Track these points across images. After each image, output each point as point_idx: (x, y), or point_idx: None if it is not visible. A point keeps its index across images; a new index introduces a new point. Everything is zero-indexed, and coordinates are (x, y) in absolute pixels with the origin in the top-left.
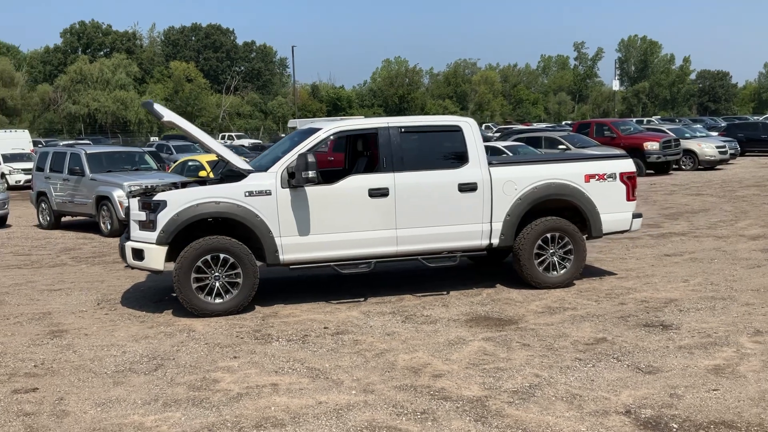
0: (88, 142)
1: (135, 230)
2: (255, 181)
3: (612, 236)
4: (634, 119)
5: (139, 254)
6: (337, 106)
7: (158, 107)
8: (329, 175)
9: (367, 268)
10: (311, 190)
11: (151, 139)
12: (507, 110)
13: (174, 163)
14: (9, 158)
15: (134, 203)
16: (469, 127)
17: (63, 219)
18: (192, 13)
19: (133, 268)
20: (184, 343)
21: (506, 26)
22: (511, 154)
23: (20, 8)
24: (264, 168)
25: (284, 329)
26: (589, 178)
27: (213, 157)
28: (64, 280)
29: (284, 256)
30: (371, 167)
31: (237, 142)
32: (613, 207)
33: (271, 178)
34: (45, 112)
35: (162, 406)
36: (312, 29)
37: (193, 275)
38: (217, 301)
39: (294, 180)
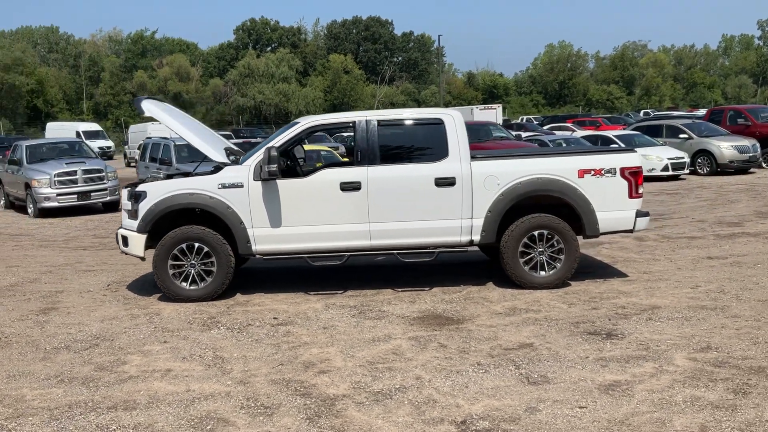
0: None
1: (124, 218)
2: (229, 173)
3: (669, 234)
4: None
5: (125, 241)
6: (493, 93)
7: (145, 104)
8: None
9: (339, 261)
10: (283, 183)
11: None
12: (679, 95)
13: None
14: None
15: (124, 194)
16: (452, 120)
17: None
18: (355, 6)
19: (126, 254)
20: (138, 325)
21: (683, 4)
22: (622, 145)
23: (201, 7)
24: (242, 161)
25: (237, 318)
26: (583, 173)
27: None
28: (106, 263)
29: (257, 247)
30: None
31: None
32: (612, 205)
33: (244, 171)
34: (216, 105)
35: (57, 382)
36: (472, 15)
37: (170, 262)
38: (192, 287)
39: (262, 173)
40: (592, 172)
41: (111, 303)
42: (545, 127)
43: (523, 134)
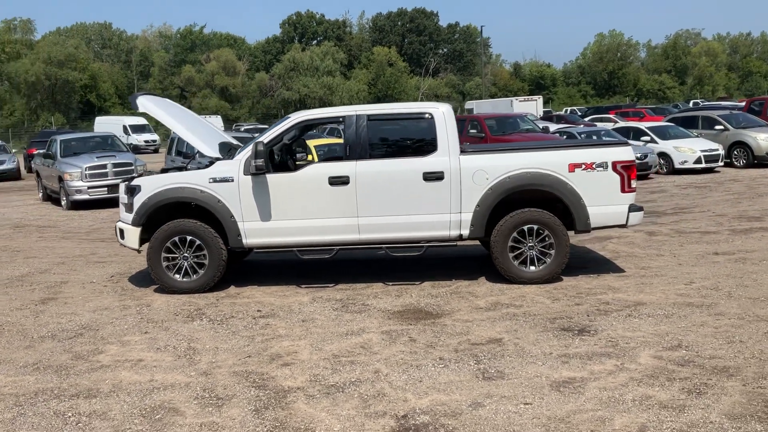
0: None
1: (122, 212)
2: (220, 168)
3: (683, 229)
4: None
5: (122, 234)
6: (540, 84)
7: (140, 100)
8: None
9: (328, 254)
10: (272, 178)
11: None
12: (734, 84)
13: None
14: None
15: (122, 187)
16: (442, 114)
17: None
18: None
19: (123, 246)
20: (126, 316)
21: None
22: (653, 136)
23: (249, 2)
24: (235, 156)
25: (223, 310)
26: (573, 167)
27: (332, 141)
28: (117, 254)
29: (247, 240)
30: None
31: None
32: (603, 199)
33: (234, 166)
34: (262, 99)
35: (32, 370)
36: (520, 5)
37: (163, 255)
38: (185, 279)
39: (250, 168)
40: (583, 166)
41: (109, 294)
42: (587, 119)
43: (552, 127)
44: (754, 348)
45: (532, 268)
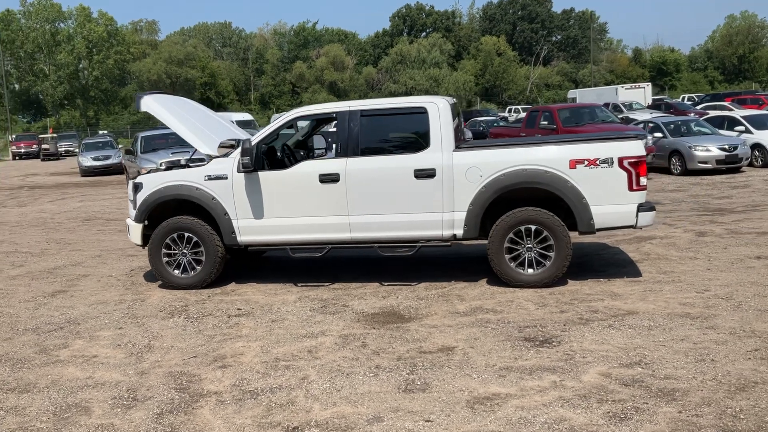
0: None
1: (130, 209)
2: (215, 165)
3: (739, 229)
4: None
5: (128, 230)
6: (662, 70)
7: (144, 100)
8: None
9: (318, 253)
10: (265, 175)
11: None
12: None
13: None
14: None
15: (130, 185)
16: (436, 108)
17: None
18: None
19: (131, 241)
20: (115, 311)
21: None
22: (748, 126)
23: None
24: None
25: (206, 307)
26: (575, 163)
27: None
28: None
29: (241, 238)
30: None
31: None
32: (608, 198)
33: (228, 163)
34: (370, 92)
35: None
36: None
37: (163, 251)
38: (183, 275)
39: (239, 166)
40: (586, 163)
41: (116, 288)
42: (699, 106)
43: (644, 116)
44: (722, 369)
45: (530, 270)
